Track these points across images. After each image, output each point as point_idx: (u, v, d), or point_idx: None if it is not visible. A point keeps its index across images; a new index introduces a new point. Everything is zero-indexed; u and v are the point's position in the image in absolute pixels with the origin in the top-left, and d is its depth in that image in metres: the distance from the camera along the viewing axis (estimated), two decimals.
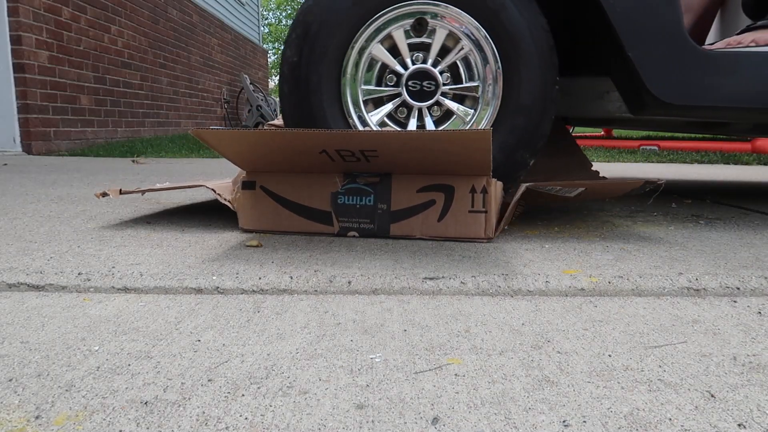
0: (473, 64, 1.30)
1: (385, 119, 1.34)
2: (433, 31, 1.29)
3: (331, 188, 1.18)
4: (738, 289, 0.90)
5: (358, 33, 1.29)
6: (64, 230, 1.25)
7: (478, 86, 1.30)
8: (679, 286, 0.90)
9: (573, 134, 6.38)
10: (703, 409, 0.53)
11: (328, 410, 0.52)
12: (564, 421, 0.50)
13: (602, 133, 6.31)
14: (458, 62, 1.31)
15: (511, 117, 1.28)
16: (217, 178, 2.09)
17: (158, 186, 1.33)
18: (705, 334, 0.72)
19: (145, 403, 0.53)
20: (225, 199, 1.25)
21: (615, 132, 6.47)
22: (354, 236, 1.18)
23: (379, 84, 1.34)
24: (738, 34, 1.45)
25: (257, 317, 0.77)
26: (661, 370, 0.61)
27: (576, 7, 1.45)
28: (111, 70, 5.10)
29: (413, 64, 1.31)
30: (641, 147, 5.47)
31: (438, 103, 1.32)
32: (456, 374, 0.60)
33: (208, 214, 1.48)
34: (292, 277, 0.90)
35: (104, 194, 1.31)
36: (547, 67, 1.26)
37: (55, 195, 1.84)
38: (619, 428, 0.49)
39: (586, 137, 6.25)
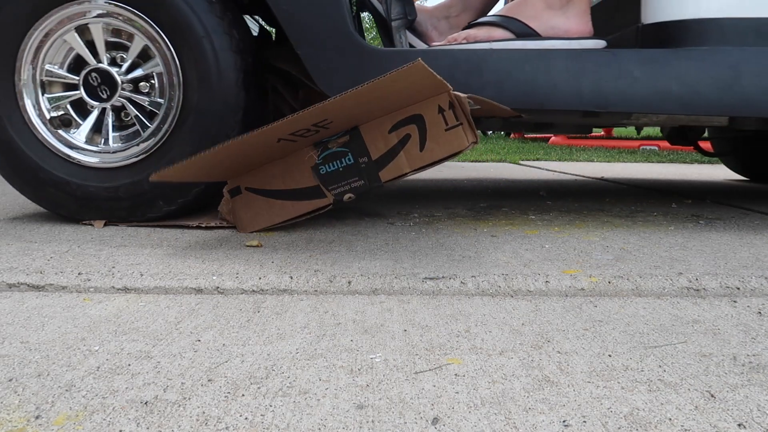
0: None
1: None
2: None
3: (309, 163, 1.18)
4: (738, 289, 0.90)
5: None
6: (64, 230, 1.25)
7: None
8: (679, 286, 0.90)
9: (573, 134, 6.38)
10: (703, 409, 0.53)
11: (328, 410, 0.52)
12: (564, 421, 0.50)
13: (602, 133, 6.31)
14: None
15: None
16: None
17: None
18: (705, 334, 0.72)
19: (145, 403, 0.53)
20: (216, 224, 1.27)
21: (615, 132, 6.47)
22: (350, 198, 1.18)
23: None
24: (463, 29, 1.45)
25: (257, 317, 0.77)
26: (661, 370, 0.61)
27: (258, 7, 1.45)
28: None
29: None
30: (641, 147, 5.47)
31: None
32: (456, 374, 0.60)
33: (209, 214, 1.48)
34: (292, 277, 0.90)
35: (88, 222, 1.31)
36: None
37: None
38: (619, 428, 0.49)
39: (586, 137, 6.25)
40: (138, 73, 1.29)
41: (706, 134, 2.76)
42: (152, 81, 1.29)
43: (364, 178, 1.17)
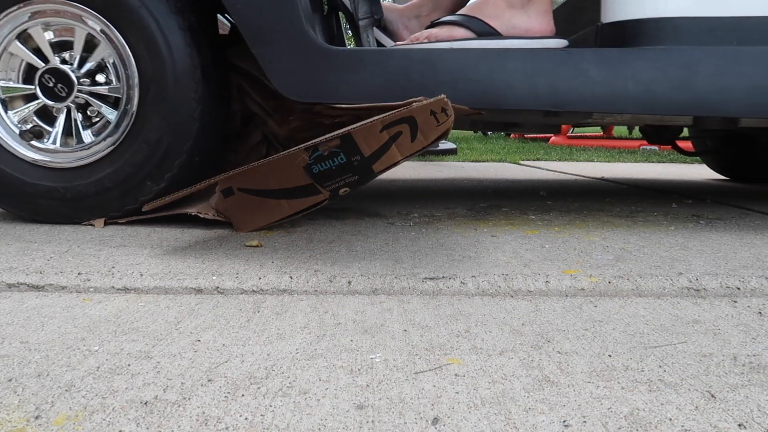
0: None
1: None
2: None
3: (301, 163, 1.18)
4: (738, 289, 0.90)
5: None
6: (63, 230, 1.25)
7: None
8: (679, 286, 0.90)
9: (573, 134, 6.39)
10: (704, 409, 0.53)
11: (328, 410, 0.52)
12: (564, 422, 0.50)
13: (602, 133, 6.31)
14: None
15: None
16: None
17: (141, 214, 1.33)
18: (705, 335, 0.72)
19: (145, 403, 0.53)
20: (212, 216, 1.26)
21: (615, 132, 6.47)
22: (346, 192, 1.18)
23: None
24: (426, 28, 1.45)
25: (257, 317, 0.77)
26: (662, 370, 0.61)
27: (219, 7, 1.45)
28: None
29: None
30: (641, 147, 5.47)
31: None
32: (456, 374, 0.60)
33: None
34: (292, 277, 0.90)
35: (89, 222, 1.31)
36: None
37: None
38: (619, 428, 0.49)
39: (586, 137, 6.25)
40: (91, 64, 1.30)
41: (686, 134, 2.76)
42: (107, 71, 1.30)
43: (358, 173, 1.17)
